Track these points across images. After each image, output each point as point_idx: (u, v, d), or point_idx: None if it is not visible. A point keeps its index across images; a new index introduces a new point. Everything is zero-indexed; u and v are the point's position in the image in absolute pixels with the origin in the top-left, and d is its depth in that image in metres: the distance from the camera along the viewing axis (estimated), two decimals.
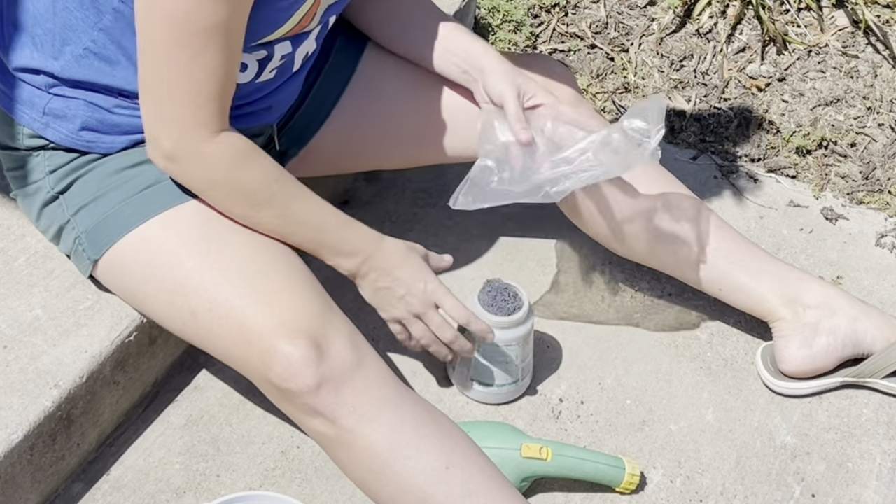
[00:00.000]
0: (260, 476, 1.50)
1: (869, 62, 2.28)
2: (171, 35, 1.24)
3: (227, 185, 1.34)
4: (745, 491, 1.55)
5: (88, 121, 1.39)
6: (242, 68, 1.39)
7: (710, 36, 2.32)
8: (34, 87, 1.39)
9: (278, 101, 1.51)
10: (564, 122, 1.50)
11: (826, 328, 1.63)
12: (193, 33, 1.24)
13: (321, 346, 1.29)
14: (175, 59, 1.26)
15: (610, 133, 1.47)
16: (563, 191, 1.47)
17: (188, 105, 1.28)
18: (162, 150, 1.32)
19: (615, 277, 1.82)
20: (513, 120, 1.49)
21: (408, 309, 1.45)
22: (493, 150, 1.49)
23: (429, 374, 1.64)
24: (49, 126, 1.40)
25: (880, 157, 2.12)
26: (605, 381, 1.68)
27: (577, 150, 1.47)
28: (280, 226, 1.38)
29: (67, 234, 1.43)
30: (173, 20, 1.23)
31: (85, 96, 1.39)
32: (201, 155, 1.31)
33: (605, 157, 1.47)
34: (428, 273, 1.45)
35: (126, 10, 1.32)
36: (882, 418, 1.66)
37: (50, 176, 1.42)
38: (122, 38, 1.34)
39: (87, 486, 1.46)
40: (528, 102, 1.52)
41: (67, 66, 1.37)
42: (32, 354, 1.40)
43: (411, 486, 1.30)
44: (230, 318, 1.32)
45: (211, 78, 1.27)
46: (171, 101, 1.28)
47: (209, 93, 1.28)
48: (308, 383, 1.28)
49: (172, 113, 1.29)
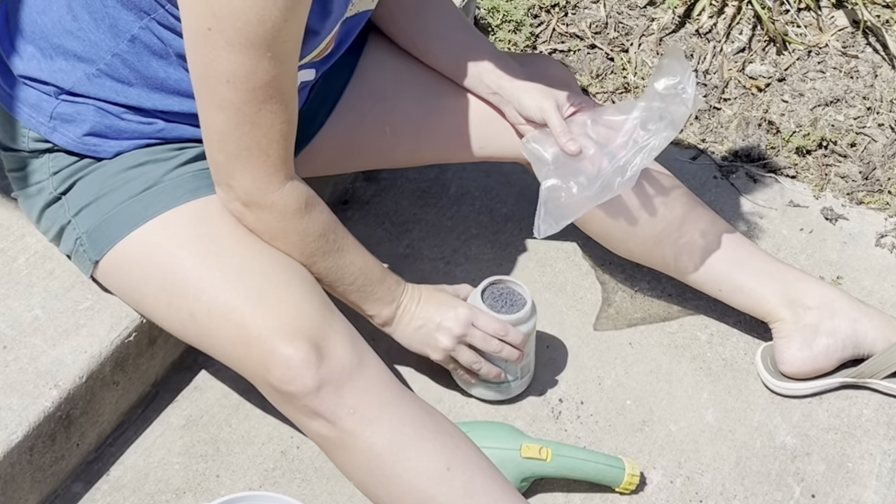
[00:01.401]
0: (260, 476, 1.50)
1: (869, 62, 2.28)
2: (234, 95, 1.25)
3: (295, 231, 1.36)
4: (745, 491, 1.55)
5: (97, 126, 1.39)
6: None
7: (710, 36, 2.32)
8: (42, 93, 1.39)
9: None
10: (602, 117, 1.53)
11: (826, 329, 1.63)
12: (256, 90, 1.25)
13: (321, 348, 1.29)
14: (242, 115, 1.26)
15: (648, 103, 1.50)
16: (634, 174, 1.50)
17: (260, 155, 1.29)
18: (239, 199, 1.34)
19: (615, 277, 1.82)
20: (559, 134, 1.51)
21: (449, 335, 1.48)
22: (549, 171, 1.52)
23: (429, 375, 1.64)
24: (56, 130, 1.39)
25: (880, 157, 2.12)
26: (605, 381, 1.68)
27: (625, 133, 1.49)
28: (332, 272, 1.40)
29: (68, 234, 1.43)
30: (235, 82, 1.24)
31: (95, 102, 1.38)
32: (274, 203, 1.33)
33: (654, 125, 1.49)
34: (452, 299, 1.50)
35: (146, 38, 1.33)
36: (882, 418, 1.66)
37: (53, 177, 1.42)
38: (138, 63, 1.35)
39: (86, 486, 1.46)
40: (567, 112, 1.54)
41: (78, 83, 1.37)
42: (32, 354, 1.40)
43: (412, 487, 1.29)
44: (229, 321, 1.32)
45: (276, 127, 1.29)
46: (243, 153, 1.29)
47: (277, 142, 1.30)
48: (308, 385, 1.28)
49: (246, 164, 1.30)
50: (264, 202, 1.33)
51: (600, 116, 1.53)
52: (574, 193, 1.51)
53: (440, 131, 1.63)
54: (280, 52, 1.23)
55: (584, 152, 1.50)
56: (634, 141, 1.49)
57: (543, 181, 1.52)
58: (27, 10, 1.38)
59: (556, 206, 1.51)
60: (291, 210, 1.34)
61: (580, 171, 1.50)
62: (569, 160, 1.51)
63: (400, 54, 1.63)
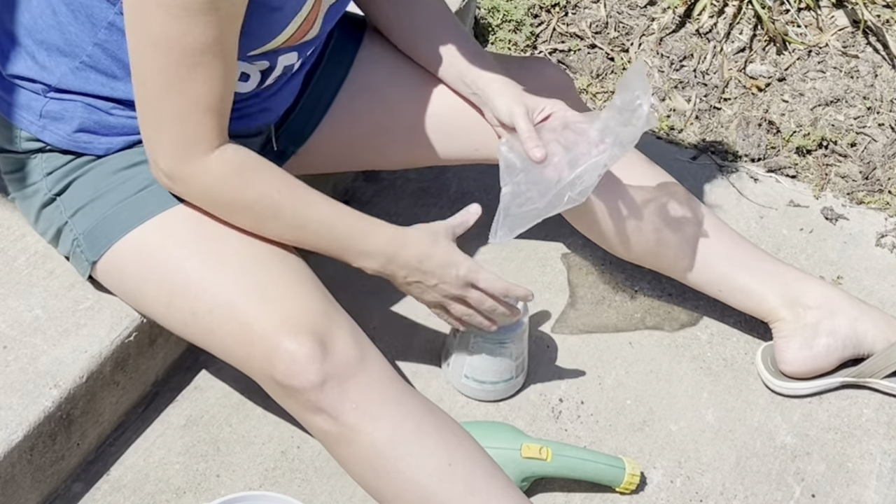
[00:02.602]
0: (260, 476, 1.50)
1: (869, 62, 2.28)
2: (160, 59, 1.24)
3: (231, 199, 1.34)
4: (745, 491, 1.55)
5: (85, 122, 1.39)
6: (244, 78, 1.39)
7: (710, 36, 2.32)
8: (31, 92, 1.39)
9: (277, 103, 1.51)
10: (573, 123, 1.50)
11: (826, 329, 1.63)
12: (183, 56, 1.23)
13: (325, 342, 1.29)
14: (165, 81, 1.25)
15: (607, 117, 1.48)
16: (584, 190, 1.46)
17: (181, 124, 1.28)
18: (162, 171, 1.32)
19: (615, 277, 1.82)
20: (525, 139, 1.48)
21: (443, 295, 1.44)
22: (515, 176, 1.49)
23: (429, 374, 1.64)
24: (46, 129, 1.40)
25: (880, 156, 2.12)
26: (605, 381, 1.68)
27: (585, 145, 1.48)
28: (293, 234, 1.37)
29: (66, 235, 1.43)
30: (162, 45, 1.23)
31: (83, 99, 1.38)
32: (199, 172, 1.31)
33: (610, 139, 1.47)
34: (456, 256, 1.43)
35: (123, 24, 1.31)
36: (882, 418, 1.66)
37: (47, 178, 1.42)
38: (119, 52, 1.34)
39: (87, 486, 1.46)
40: (538, 117, 1.51)
41: (64, 79, 1.37)
42: (32, 354, 1.40)
43: (414, 483, 1.30)
44: (232, 318, 1.32)
45: (203, 96, 1.27)
46: (164, 121, 1.28)
47: (202, 110, 1.27)
48: (312, 380, 1.28)
49: (166, 133, 1.29)
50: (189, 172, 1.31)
51: (571, 124, 1.50)
52: (531, 200, 1.48)
53: (435, 132, 1.63)
54: (214, 20, 1.22)
55: (549, 159, 1.46)
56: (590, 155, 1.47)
57: (504, 187, 1.49)
58: (11, 9, 1.38)
59: (514, 213, 1.48)
60: (221, 178, 1.31)
61: (543, 179, 1.47)
62: (535, 167, 1.47)
63: (396, 53, 1.62)
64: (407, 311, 1.71)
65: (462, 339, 1.57)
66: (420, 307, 1.73)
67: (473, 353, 1.56)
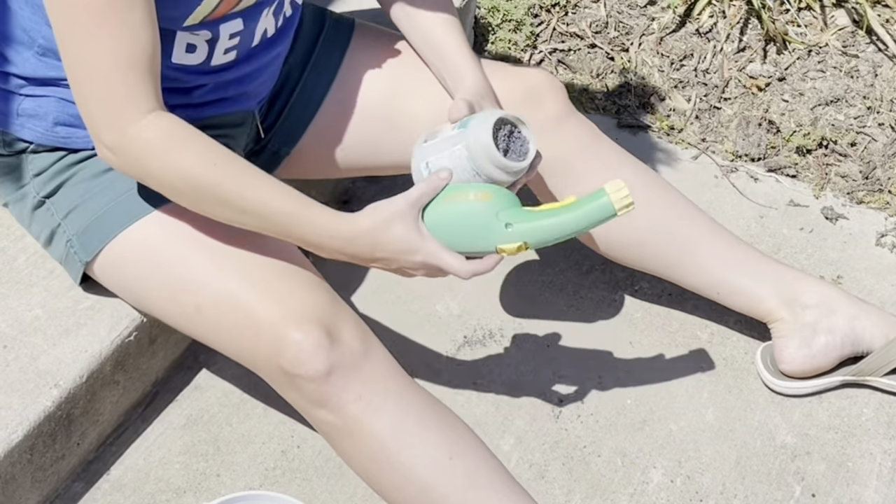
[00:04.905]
0: (260, 476, 1.50)
1: (869, 62, 2.28)
2: (71, 15, 1.21)
3: (164, 170, 1.26)
4: (745, 490, 1.55)
5: (60, 116, 1.39)
6: (190, 49, 1.36)
7: (710, 35, 2.32)
8: (5, 91, 1.40)
9: (254, 87, 1.49)
10: None
11: (825, 327, 1.63)
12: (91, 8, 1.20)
13: (332, 333, 1.29)
14: (81, 38, 1.21)
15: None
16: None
17: (105, 84, 1.23)
18: (104, 144, 1.27)
19: (615, 277, 1.82)
20: None
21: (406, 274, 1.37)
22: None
23: (429, 374, 1.64)
24: (25, 126, 1.40)
25: (880, 156, 2.12)
26: (606, 380, 1.68)
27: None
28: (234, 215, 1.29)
29: (59, 238, 1.43)
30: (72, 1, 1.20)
31: (54, 92, 1.38)
32: (132, 138, 1.25)
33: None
34: (413, 241, 1.32)
35: None
36: (882, 418, 1.66)
37: (35, 180, 1.42)
38: None
39: (87, 485, 1.46)
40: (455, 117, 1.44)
41: (31, 67, 1.37)
42: (32, 354, 1.40)
43: (415, 476, 1.30)
44: (237, 311, 1.32)
45: (120, 49, 1.22)
46: (89, 85, 1.24)
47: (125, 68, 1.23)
48: (319, 369, 1.28)
49: (94, 99, 1.24)
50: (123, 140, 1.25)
51: None
52: None
53: None
54: None
55: None
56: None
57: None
58: None
59: None
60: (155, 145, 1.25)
61: None
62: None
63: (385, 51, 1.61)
64: (407, 311, 1.71)
65: None
66: (420, 307, 1.73)
67: None
